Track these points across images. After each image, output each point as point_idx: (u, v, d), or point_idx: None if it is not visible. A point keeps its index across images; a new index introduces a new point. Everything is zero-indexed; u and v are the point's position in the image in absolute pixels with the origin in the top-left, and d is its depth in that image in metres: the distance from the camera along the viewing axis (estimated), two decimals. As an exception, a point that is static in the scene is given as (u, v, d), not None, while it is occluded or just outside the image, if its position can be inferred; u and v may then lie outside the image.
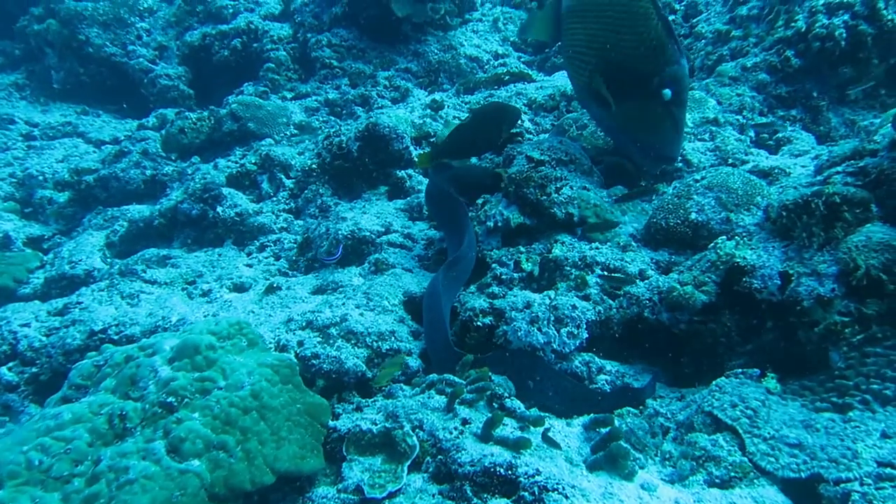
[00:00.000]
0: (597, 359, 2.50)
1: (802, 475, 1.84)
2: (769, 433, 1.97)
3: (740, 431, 1.99)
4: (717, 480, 1.90)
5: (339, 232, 3.54)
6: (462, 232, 2.92)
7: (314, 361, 2.47)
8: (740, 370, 2.23)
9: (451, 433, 2.05)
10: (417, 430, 2.08)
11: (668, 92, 2.88)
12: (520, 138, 3.85)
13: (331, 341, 2.56)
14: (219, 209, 4.13)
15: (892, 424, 1.88)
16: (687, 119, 3.65)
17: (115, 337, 2.99)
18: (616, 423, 2.12)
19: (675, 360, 2.49)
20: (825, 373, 2.11)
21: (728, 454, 1.95)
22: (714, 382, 2.19)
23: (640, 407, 2.29)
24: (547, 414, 2.25)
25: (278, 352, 2.53)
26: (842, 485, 1.76)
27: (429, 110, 4.74)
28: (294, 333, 2.63)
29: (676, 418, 2.21)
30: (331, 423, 2.22)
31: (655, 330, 2.50)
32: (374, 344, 2.57)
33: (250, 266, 3.81)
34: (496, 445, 1.98)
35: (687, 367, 2.46)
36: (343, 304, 2.78)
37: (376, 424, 2.14)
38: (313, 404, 2.22)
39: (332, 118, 5.27)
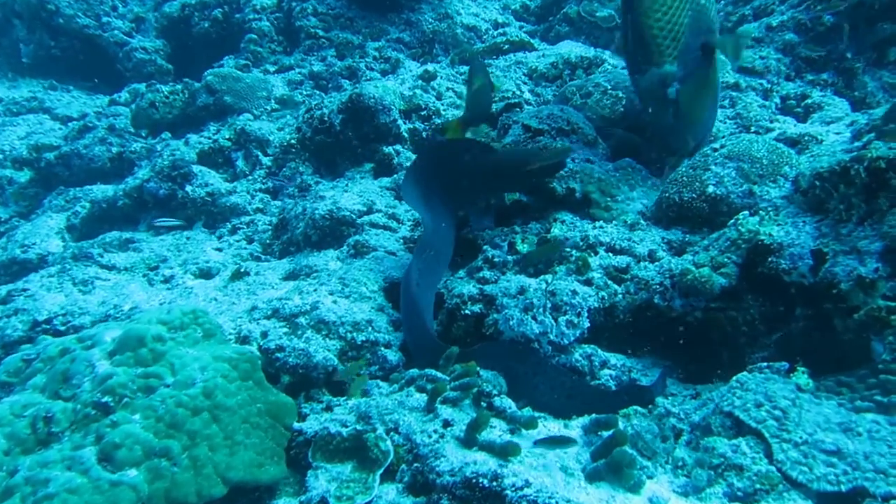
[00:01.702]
0: (600, 351, 2.34)
1: (843, 488, 1.66)
2: (801, 438, 1.79)
3: (766, 436, 1.80)
4: (739, 493, 1.72)
5: (317, 210, 3.26)
6: (433, 212, 2.72)
7: (279, 355, 2.31)
8: (765, 364, 2.05)
9: (429, 437, 1.90)
10: (392, 434, 1.97)
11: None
12: (518, 109, 3.56)
13: (299, 332, 2.35)
14: (188, 188, 3.89)
15: (952, 429, 1.63)
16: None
17: (62, 328, 2.77)
18: (621, 424, 1.98)
19: (690, 352, 2.34)
20: (867, 367, 1.94)
21: (752, 462, 1.76)
22: (735, 378, 2.02)
23: (649, 406, 2.11)
24: (542, 414, 2.11)
25: (239, 344, 2.35)
26: (892, 501, 1.58)
27: (420, 81, 4.44)
28: (258, 323, 2.43)
29: (691, 419, 2.04)
30: (296, 424, 2.09)
31: (667, 318, 2.34)
32: (349, 335, 2.38)
33: (220, 250, 3.60)
34: (481, 451, 1.84)
35: (703, 360, 2.31)
36: (315, 290, 2.57)
37: (346, 426, 2.01)
38: (276, 403, 2.07)
39: (317, 92, 5.00)
